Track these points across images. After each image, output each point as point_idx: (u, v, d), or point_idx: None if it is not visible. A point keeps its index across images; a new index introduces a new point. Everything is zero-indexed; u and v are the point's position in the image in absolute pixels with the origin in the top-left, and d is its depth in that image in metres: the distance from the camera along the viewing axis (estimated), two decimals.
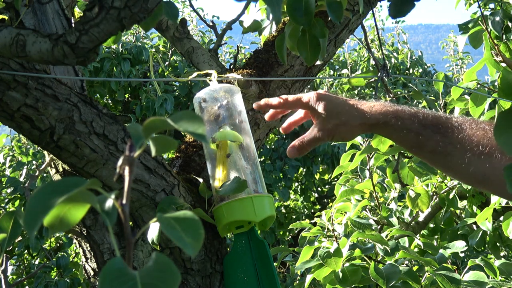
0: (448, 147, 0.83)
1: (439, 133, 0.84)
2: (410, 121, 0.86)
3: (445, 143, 0.83)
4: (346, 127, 0.89)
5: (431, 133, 0.84)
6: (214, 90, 1.12)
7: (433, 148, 0.84)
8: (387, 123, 0.87)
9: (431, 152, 0.85)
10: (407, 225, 1.82)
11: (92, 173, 1.02)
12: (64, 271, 2.88)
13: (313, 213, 4.64)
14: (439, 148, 0.84)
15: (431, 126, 0.85)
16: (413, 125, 0.85)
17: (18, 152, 3.77)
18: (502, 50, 1.51)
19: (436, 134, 0.84)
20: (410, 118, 0.86)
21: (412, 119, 0.86)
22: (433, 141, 0.84)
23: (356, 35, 1.86)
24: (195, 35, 5.30)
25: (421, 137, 0.85)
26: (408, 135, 0.85)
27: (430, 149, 0.85)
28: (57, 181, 0.37)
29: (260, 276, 1.07)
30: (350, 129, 0.89)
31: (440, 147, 0.84)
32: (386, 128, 0.88)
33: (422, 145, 0.85)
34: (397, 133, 0.87)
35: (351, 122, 0.89)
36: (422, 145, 0.85)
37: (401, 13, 0.80)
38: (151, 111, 3.73)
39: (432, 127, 0.85)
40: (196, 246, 0.35)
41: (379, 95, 4.93)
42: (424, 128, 0.85)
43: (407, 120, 0.86)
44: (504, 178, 0.44)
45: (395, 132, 0.87)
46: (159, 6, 0.83)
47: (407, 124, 0.86)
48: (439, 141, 0.84)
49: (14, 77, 0.91)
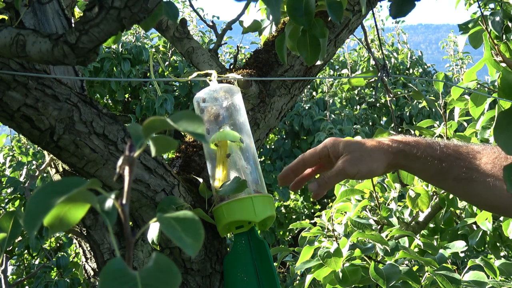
0: (472, 172, 0.81)
1: (461, 159, 0.82)
2: (432, 149, 0.84)
3: (468, 168, 0.81)
4: (370, 157, 0.85)
5: (454, 159, 0.82)
6: (214, 90, 1.12)
7: (456, 174, 0.82)
8: (409, 151, 0.84)
9: (454, 179, 0.83)
10: (407, 225, 1.82)
11: (92, 173, 1.02)
12: (64, 271, 2.88)
13: (313, 213, 4.63)
14: (462, 174, 0.82)
15: (453, 153, 0.83)
16: (435, 153, 0.83)
17: (18, 152, 3.77)
18: (502, 50, 1.51)
19: (459, 160, 0.82)
20: (431, 146, 0.85)
21: (434, 146, 0.84)
22: (456, 168, 0.82)
23: (356, 35, 1.85)
24: (195, 35, 5.30)
25: (444, 164, 0.82)
26: (431, 162, 0.83)
27: (454, 176, 0.82)
28: (57, 181, 0.37)
29: (260, 276, 1.07)
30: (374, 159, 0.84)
31: (464, 173, 0.81)
32: (408, 157, 0.85)
33: (446, 172, 0.83)
34: (420, 162, 0.84)
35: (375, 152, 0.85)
36: (446, 173, 0.83)
37: (401, 13, 0.80)
38: (151, 111, 3.73)
39: (455, 154, 0.83)
40: (196, 246, 0.35)
41: (379, 95, 4.94)
42: (447, 155, 0.83)
43: (428, 148, 0.84)
44: (504, 179, 0.44)
45: (418, 160, 0.84)
46: (159, 6, 0.83)
47: (429, 152, 0.84)
48: (462, 167, 0.82)
49: (14, 77, 0.91)
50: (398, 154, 0.85)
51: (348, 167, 0.84)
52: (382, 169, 0.86)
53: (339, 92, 5.33)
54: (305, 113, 4.51)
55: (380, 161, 0.85)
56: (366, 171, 0.84)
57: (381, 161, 0.85)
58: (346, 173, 0.84)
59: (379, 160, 0.84)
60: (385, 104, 5.27)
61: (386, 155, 0.85)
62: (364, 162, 0.84)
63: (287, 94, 1.30)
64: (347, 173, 0.85)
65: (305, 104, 4.71)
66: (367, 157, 0.84)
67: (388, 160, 0.85)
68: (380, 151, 0.85)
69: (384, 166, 0.85)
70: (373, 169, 0.84)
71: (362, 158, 0.84)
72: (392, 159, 0.85)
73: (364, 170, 0.84)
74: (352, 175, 0.85)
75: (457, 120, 1.83)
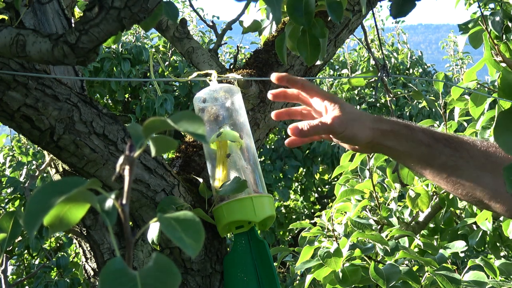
0: (459, 160, 0.81)
1: (450, 147, 0.82)
2: (422, 133, 0.84)
3: (456, 156, 0.82)
4: (360, 123, 0.84)
5: (442, 146, 0.83)
6: (214, 90, 1.12)
7: (444, 161, 0.82)
8: (399, 132, 0.84)
9: (441, 166, 0.83)
10: (407, 225, 1.82)
11: (92, 173, 1.02)
12: (64, 271, 2.88)
13: (313, 213, 4.63)
14: (449, 162, 0.82)
15: (442, 140, 0.83)
16: (424, 137, 0.83)
17: (18, 152, 3.77)
18: (502, 50, 1.51)
19: (447, 148, 0.82)
20: (421, 131, 0.85)
21: (424, 132, 0.84)
22: (444, 154, 0.82)
23: (356, 35, 1.85)
24: (195, 35, 5.30)
25: (432, 149, 0.83)
26: (419, 146, 0.83)
27: (441, 163, 0.83)
28: (57, 181, 0.37)
29: (260, 276, 1.07)
30: (363, 127, 0.83)
31: (451, 161, 0.82)
32: (397, 137, 0.84)
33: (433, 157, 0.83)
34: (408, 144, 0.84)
35: (366, 121, 0.84)
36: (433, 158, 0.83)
37: (402, 13, 0.80)
38: (151, 111, 3.73)
39: (444, 141, 0.83)
40: (196, 247, 0.35)
41: (379, 95, 4.94)
42: (436, 141, 0.83)
43: (419, 132, 0.84)
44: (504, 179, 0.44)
45: (406, 142, 0.84)
46: (159, 6, 0.83)
47: (419, 135, 0.84)
48: (450, 154, 0.82)
49: (14, 77, 0.91)
50: (388, 133, 0.84)
51: (335, 123, 0.82)
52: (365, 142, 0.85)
53: (339, 92, 5.33)
54: None
55: (366, 132, 0.84)
56: (350, 135, 0.83)
57: (367, 133, 0.84)
58: (332, 128, 0.83)
59: (366, 131, 0.84)
60: (385, 104, 5.27)
61: (374, 131, 0.84)
62: (353, 126, 0.83)
63: None
64: (332, 129, 0.83)
65: None
66: (357, 123, 0.83)
67: (373, 136, 0.84)
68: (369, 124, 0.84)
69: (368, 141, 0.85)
70: (357, 136, 0.83)
71: (352, 121, 0.83)
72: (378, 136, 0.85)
73: (349, 133, 0.83)
74: (336, 132, 0.83)
75: (457, 120, 1.83)
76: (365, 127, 0.84)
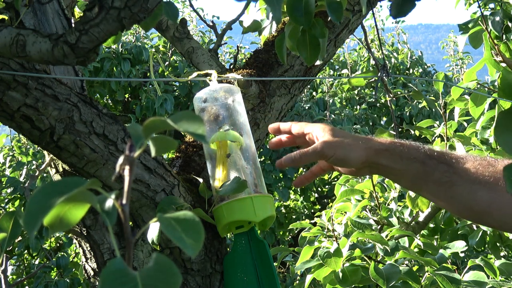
0: (453, 176, 0.82)
1: (444, 163, 0.83)
2: (416, 151, 0.85)
3: (450, 172, 0.82)
4: (349, 146, 0.85)
5: (436, 163, 0.83)
6: (214, 90, 1.12)
7: (438, 178, 0.83)
8: (394, 150, 0.85)
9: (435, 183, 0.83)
10: (407, 225, 1.82)
11: (92, 173, 1.02)
12: (64, 271, 2.88)
13: (313, 213, 4.63)
14: (444, 178, 0.82)
15: (436, 157, 0.84)
16: (418, 155, 0.84)
17: (18, 152, 3.77)
18: (502, 50, 1.51)
19: (441, 164, 0.83)
20: (415, 148, 0.85)
21: (418, 149, 0.85)
22: (438, 171, 0.83)
23: (356, 35, 1.86)
24: (195, 35, 5.30)
25: (426, 166, 0.83)
26: (413, 164, 0.84)
27: (435, 179, 0.83)
28: (57, 181, 0.37)
29: (260, 276, 1.07)
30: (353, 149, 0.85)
31: (446, 177, 0.82)
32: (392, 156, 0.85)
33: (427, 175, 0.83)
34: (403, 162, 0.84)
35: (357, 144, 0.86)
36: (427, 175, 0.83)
37: (402, 13, 0.80)
38: (151, 111, 3.73)
39: (438, 157, 0.84)
40: (196, 247, 0.35)
41: (379, 95, 4.94)
42: (430, 158, 0.84)
43: (412, 149, 0.85)
44: (504, 179, 0.44)
45: (400, 160, 0.84)
46: (159, 6, 0.83)
47: (412, 153, 0.84)
48: (445, 170, 0.82)
49: (14, 77, 0.91)
50: (381, 152, 0.85)
51: (325, 147, 0.85)
52: (359, 162, 0.86)
53: (339, 92, 5.32)
54: (305, 113, 4.51)
55: (358, 153, 0.85)
56: (341, 156, 0.85)
57: (359, 154, 0.85)
58: (322, 153, 0.85)
59: (358, 151, 0.85)
60: (385, 104, 5.27)
61: (367, 150, 0.85)
62: (343, 148, 0.85)
63: (287, 94, 1.30)
64: (322, 154, 0.85)
65: (305, 104, 4.71)
66: (347, 145, 0.85)
67: (367, 155, 0.85)
68: (362, 145, 0.86)
69: (362, 160, 0.86)
70: (348, 157, 0.85)
71: (342, 144, 0.85)
72: (372, 156, 0.85)
73: (340, 154, 0.84)
74: (326, 156, 0.85)
75: (457, 120, 1.83)
76: (357, 148, 0.85)
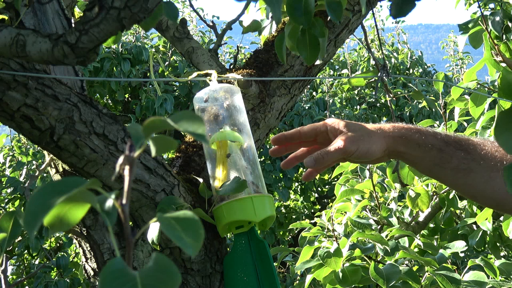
0: (471, 163, 0.81)
1: (462, 150, 0.82)
2: (433, 137, 0.84)
3: (468, 159, 0.82)
4: (370, 138, 0.84)
5: (454, 149, 0.83)
6: (214, 90, 1.12)
7: (456, 165, 0.82)
8: (411, 137, 0.84)
9: (453, 170, 0.83)
10: (407, 225, 1.82)
11: (92, 173, 1.02)
12: (64, 271, 2.88)
13: (313, 213, 4.63)
14: (462, 165, 0.82)
15: (453, 143, 0.83)
16: (436, 141, 0.84)
17: (18, 152, 3.77)
18: (502, 50, 1.51)
19: (459, 151, 0.82)
20: (432, 135, 0.85)
21: (435, 135, 0.85)
22: (456, 158, 0.82)
23: (356, 35, 1.86)
24: (195, 35, 5.29)
25: (444, 153, 0.83)
26: (431, 151, 0.83)
27: (453, 166, 0.82)
28: (57, 181, 0.37)
29: (260, 276, 1.07)
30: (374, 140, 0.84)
31: (464, 164, 0.82)
32: (409, 143, 0.84)
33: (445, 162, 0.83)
34: (420, 149, 0.84)
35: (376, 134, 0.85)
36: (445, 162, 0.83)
37: (402, 13, 0.80)
38: (151, 111, 3.73)
39: (455, 144, 0.83)
40: (196, 246, 0.35)
41: (379, 95, 4.93)
42: (447, 144, 0.83)
43: (430, 136, 0.84)
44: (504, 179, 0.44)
45: (418, 147, 0.84)
46: (159, 6, 0.83)
47: (430, 139, 0.84)
48: (462, 157, 0.82)
49: (14, 77, 0.91)
50: (399, 139, 0.85)
51: (347, 144, 0.83)
52: (381, 152, 0.85)
53: (339, 92, 5.32)
54: (305, 113, 4.51)
55: (379, 143, 0.84)
56: (365, 150, 0.84)
57: (380, 144, 0.84)
58: (345, 150, 0.84)
59: (379, 142, 0.84)
60: (385, 104, 5.27)
61: (386, 138, 0.85)
62: (364, 141, 0.84)
63: (287, 94, 1.30)
64: (346, 150, 0.84)
65: (305, 104, 4.71)
66: (367, 137, 0.84)
67: (387, 144, 0.85)
68: (380, 134, 0.85)
69: (383, 149, 0.85)
70: (371, 150, 0.84)
71: (362, 137, 0.84)
72: (392, 144, 0.85)
73: (363, 149, 0.83)
74: (350, 152, 0.84)
75: (457, 120, 1.83)
76: (378, 139, 0.85)
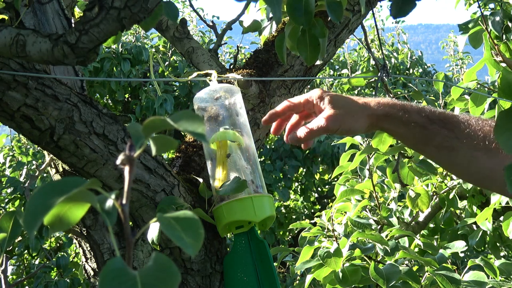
0: (454, 141, 0.83)
1: (445, 128, 0.84)
2: (418, 115, 0.85)
3: (452, 137, 0.83)
4: (353, 116, 0.86)
5: (438, 127, 0.84)
6: (214, 90, 1.12)
7: (439, 142, 0.84)
8: (395, 115, 0.86)
9: (437, 147, 0.84)
10: (407, 225, 1.82)
11: (92, 173, 1.02)
12: (64, 271, 2.88)
13: (313, 213, 4.63)
14: (445, 143, 0.83)
15: (438, 121, 0.84)
16: (420, 119, 0.85)
17: (18, 152, 3.77)
18: (502, 50, 1.51)
19: (443, 129, 0.83)
20: (417, 112, 0.86)
21: (420, 113, 0.85)
22: (439, 136, 0.83)
23: (356, 35, 1.86)
24: (195, 35, 5.29)
25: (427, 131, 0.84)
26: (415, 128, 0.85)
27: (436, 144, 0.84)
28: (57, 181, 0.37)
29: (260, 276, 1.07)
30: (356, 119, 0.86)
31: (447, 142, 0.83)
32: (393, 121, 0.86)
33: (429, 139, 0.84)
34: (404, 127, 0.85)
35: (358, 112, 0.87)
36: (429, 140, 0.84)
37: (402, 13, 0.80)
38: (151, 111, 3.73)
39: (439, 122, 0.84)
40: (196, 246, 0.35)
41: (379, 95, 4.93)
42: (431, 122, 0.84)
43: (414, 113, 0.85)
44: (504, 179, 0.44)
45: (402, 125, 0.85)
46: (159, 6, 0.83)
47: (414, 117, 0.85)
48: (446, 135, 0.83)
49: (14, 77, 0.91)
50: (383, 117, 0.86)
51: (329, 123, 0.86)
52: (364, 129, 0.88)
53: (339, 92, 5.33)
54: None
55: (362, 121, 0.86)
56: (347, 128, 0.86)
57: (364, 121, 0.87)
58: (327, 128, 0.86)
59: (362, 119, 0.86)
60: None
61: (370, 117, 0.87)
62: (347, 120, 0.86)
63: (287, 94, 1.30)
64: (328, 129, 0.86)
65: None
66: (350, 116, 0.86)
67: (371, 121, 0.87)
68: (364, 112, 0.87)
69: (366, 127, 0.88)
70: (354, 128, 0.87)
71: (345, 116, 0.86)
72: (375, 121, 0.87)
73: (345, 127, 0.86)
74: (332, 131, 0.87)
75: None
76: (360, 116, 0.87)
